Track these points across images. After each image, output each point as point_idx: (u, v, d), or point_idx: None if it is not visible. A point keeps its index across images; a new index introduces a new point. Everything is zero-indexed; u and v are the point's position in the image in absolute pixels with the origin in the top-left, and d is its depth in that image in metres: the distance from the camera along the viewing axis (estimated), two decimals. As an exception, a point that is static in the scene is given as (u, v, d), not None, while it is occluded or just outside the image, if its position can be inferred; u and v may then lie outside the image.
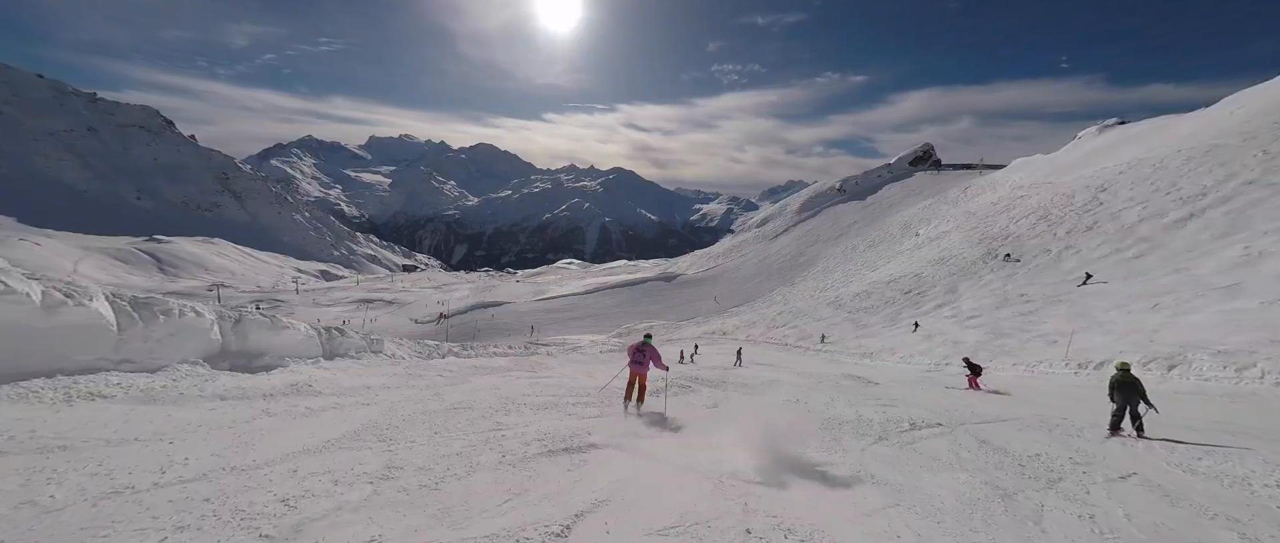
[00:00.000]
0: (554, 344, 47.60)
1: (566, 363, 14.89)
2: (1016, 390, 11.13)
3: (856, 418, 7.14)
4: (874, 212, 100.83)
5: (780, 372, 14.61)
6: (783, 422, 6.09)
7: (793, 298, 53.61)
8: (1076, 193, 36.37)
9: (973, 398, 9.70)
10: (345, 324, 77.19)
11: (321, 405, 5.71)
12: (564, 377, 10.91)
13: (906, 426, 6.65)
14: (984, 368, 12.46)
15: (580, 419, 6.14)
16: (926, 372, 15.75)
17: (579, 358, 19.22)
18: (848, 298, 37.56)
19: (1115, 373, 6.81)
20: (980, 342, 17.89)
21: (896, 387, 11.50)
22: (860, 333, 29.20)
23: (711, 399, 8.92)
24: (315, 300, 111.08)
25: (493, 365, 11.23)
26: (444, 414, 5.74)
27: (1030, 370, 13.51)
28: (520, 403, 6.62)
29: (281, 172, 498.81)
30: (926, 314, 28.15)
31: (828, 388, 10.37)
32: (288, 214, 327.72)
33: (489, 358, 13.34)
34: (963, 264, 33.52)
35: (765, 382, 10.78)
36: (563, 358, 17.86)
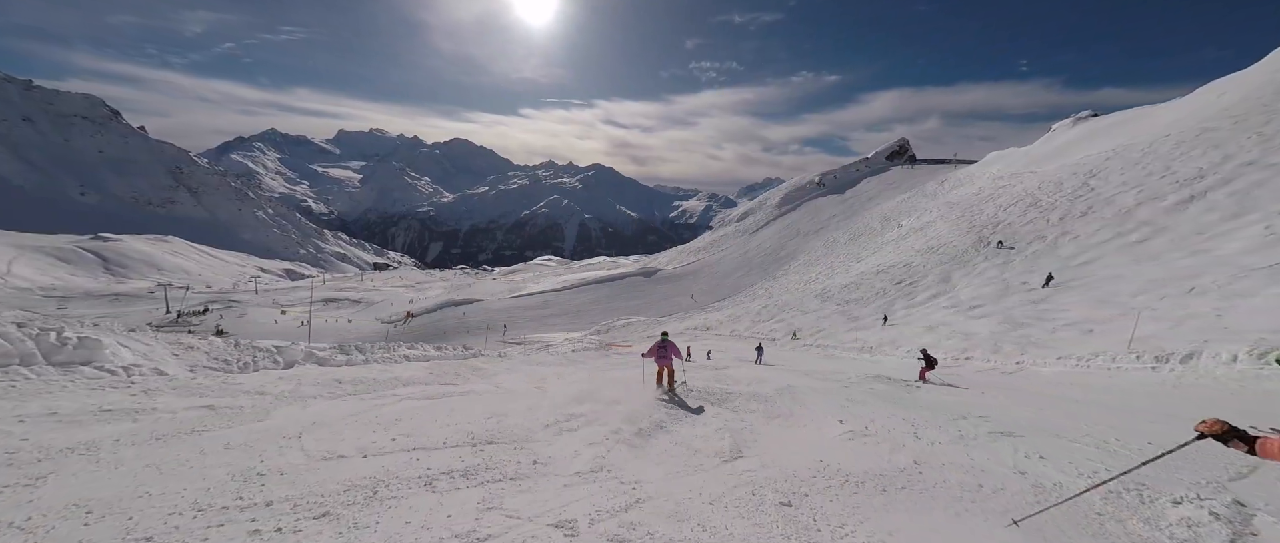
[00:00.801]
0: (527, 342, 44.74)
1: (522, 366, 12.37)
2: (1075, 389, 9.18)
3: (1033, 482, 3.84)
4: (853, 205, 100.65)
5: (785, 372, 12.35)
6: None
7: (777, 291, 52.01)
8: (1064, 180, 35.53)
9: (1089, 412, 7.20)
10: (301, 325, 72.30)
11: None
12: (497, 395, 7.09)
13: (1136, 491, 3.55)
14: (938, 361, 12.11)
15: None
16: (943, 367, 13.88)
17: (544, 359, 16.64)
18: (835, 290, 35.96)
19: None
20: (996, 333, 16.14)
21: (942, 391, 9.29)
22: (853, 325, 27.43)
23: (723, 430, 5.34)
24: (275, 300, 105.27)
25: (385, 377, 7.70)
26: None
27: (1083, 365, 11.50)
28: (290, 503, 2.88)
29: (243, 166, 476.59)
30: (922, 304, 26.57)
31: (874, 400, 7.65)
32: (249, 211, 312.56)
33: (391, 363, 10.05)
34: (954, 253, 32.21)
35: (779, 390, 8.36)
36: (520, 360, 15.21)
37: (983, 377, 12.08)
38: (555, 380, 9.38)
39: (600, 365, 15.37)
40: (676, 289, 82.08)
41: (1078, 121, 66.09)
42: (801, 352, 24.06)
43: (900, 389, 9.07)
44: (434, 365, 9.79)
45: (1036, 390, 9.28)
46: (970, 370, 13.34)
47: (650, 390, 7.70)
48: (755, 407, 6.83)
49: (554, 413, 5.67)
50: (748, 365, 15.69)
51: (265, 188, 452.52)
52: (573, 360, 17.70)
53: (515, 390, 7.68)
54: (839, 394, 8.13)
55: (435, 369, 9.11)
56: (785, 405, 7.04)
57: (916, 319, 23.20)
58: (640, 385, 8.33)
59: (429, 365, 9.76)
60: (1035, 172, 46.34)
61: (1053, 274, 21.94)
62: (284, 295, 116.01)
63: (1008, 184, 46.49)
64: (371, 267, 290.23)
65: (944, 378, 11.60)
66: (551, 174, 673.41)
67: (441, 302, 78.88)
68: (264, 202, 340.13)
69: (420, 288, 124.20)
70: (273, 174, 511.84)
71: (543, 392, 7.51)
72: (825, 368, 14.27)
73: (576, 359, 18.22)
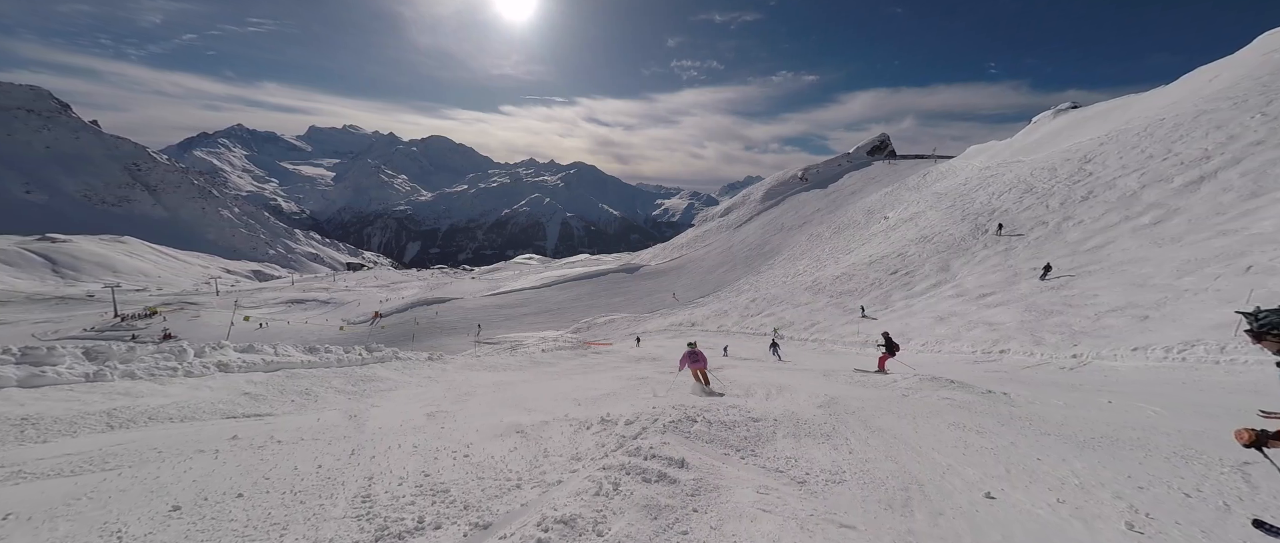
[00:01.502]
0: (498, 342, 41.93)
1: (456, 373, 9.86)
2: (1204, 391, 7.16)
3: None
4: (836, 199, 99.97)
5: (805, 375, 10.02)
6: None
7: (764, 285, 50.27)
8: (1058, 166, 34.41)
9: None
10: (263, 325, 67.85)
11: None
12: (304, 446, 4.50)
13: None
14: (899, 347, 10.95)
15: None
16: (975, 362, 11.98)
17: (504, 363, 14.11)
18: (827, 281, 34.21)
19: None
20: (1026, 322, 14.35)
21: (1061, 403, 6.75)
22: (849, 318, 25.55)
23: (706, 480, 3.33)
24: (238, 302, 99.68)
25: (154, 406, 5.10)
26: None
27: (1176, 358, 9.31)
28: None
29: (207, 163, 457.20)
30: (922, 295, 24.85)
31: (1001, 425, 5.13)
32: (213, 209, 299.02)
33: (274, 372, 7.17)
34: (950, 241, 30.70)
35: (832, 413, 5.49)
36: (461, 366, 12.63)
37: (1037, 374, 10.06)
38: (480, 400, 6.78)
39: (568, 369, 12.93)
40: (659, 286, 79.94)
41: (1058, 113, 66.04)
42: (798, 347, 22.05)
43: (999, 403, 6.58)
44: (287, 378, 6.92)
45: (1160, 393, 7.23)
46: (1011, 366, 11.37)
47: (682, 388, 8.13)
48: (780, 435, 4.26)
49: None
50: (758, 366, 13.35)
51: (232, 186, 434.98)
52: (539, 363, 15.18)
53: (411, 416, 5.08)
54: (932, 417, 5.55)
55: (287, 383, 6.39)
56: (876, 460, 3.99)
57: (921, 310, 21.41)
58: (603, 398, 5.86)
59: (278, 378, 6.86)
60: (1023, 160, 45.46)
61: (1052, 264, 20.35)
62: (248, 297, 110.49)
63: (996, 173, 45.51)
64: (345, 267, 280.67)
65: (981, 378, 9.45)
66: (533, 172, 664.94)
67: (413, 301, 75.17)
68: (230, 200, 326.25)
69: (395, 288, 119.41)
70: (239, 172, 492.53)
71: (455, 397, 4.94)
72: (842, 365, 12.10)
73: (545, 360, 15.74)
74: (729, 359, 16.92)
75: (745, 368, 12.14)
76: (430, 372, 9.84)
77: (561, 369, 13.07)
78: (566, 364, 14.46)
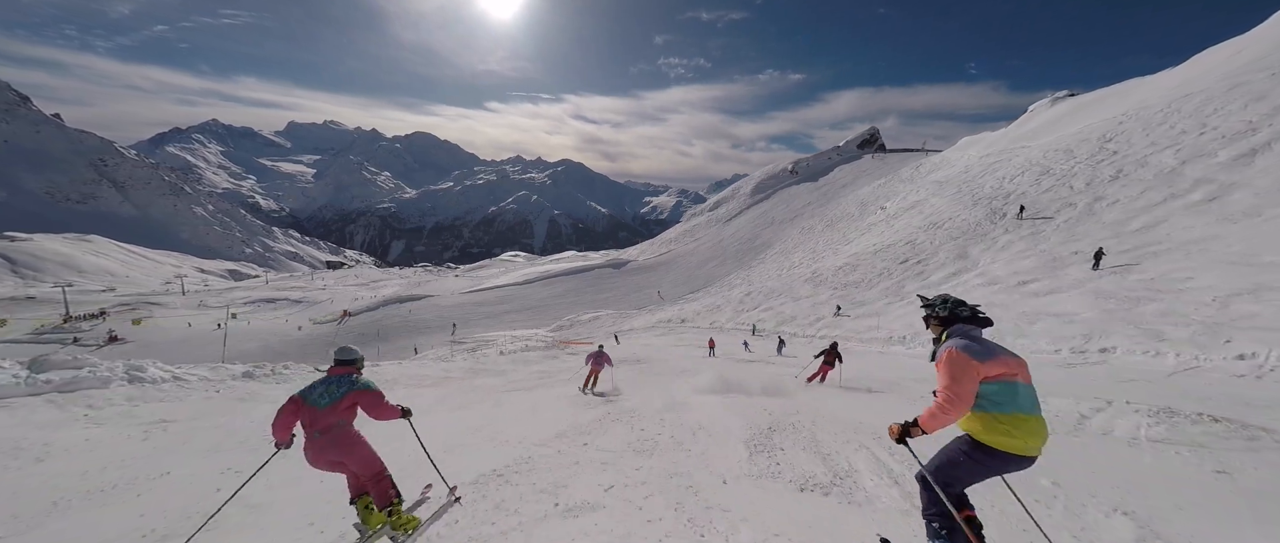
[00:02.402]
0: (462, 342, 38.44)
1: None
2: None
3: None
4: (827, 192, 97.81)
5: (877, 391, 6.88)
6: None
7: (758, 278, 47.35)
8: (1073, 147, 31.99)
9: None
10: (221, 326, 63.35)
11: None
12: None
13: None
14: (842, 360, 9.84)
15: None
16: (1069, 365, 9.11)
17: (433, 374, 10.74)
18: (829, 273, 31.35)
19: None
20: (1110, 312, 11.54)
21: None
22: (861, 311, 22.62)
23: None
24: (202, 302, 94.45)
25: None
26: None
27: None
28: None
29: (180, 160, 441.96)
30: (942, 284, 22.03)
31: None
32: (186, 207, 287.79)
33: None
34: (964, 226, 28.04)
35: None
36: (380, 377, 9.30)
37: (1202, 383, 7.01)
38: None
39: (518, 380, 9.65)
40: (648, 281, 76.81)
41: (1056, 101, 64.18)
42: (804, 346, 19.01)
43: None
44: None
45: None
46: (1142, 368, 8.35)
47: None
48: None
49: None
50: (747, 366, 10.21)
51: (207, 183, 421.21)
52: (484, 371, 11.69)
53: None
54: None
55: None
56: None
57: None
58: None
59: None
60: (1027, 146, 43.13)
61: (1103, 249, 17.55)
62: (216, 297, 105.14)
63: (1001, 159, 43.11)
64: (324, 266, 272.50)
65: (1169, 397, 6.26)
66: (520, 169, 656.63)
67: (384, 299, 70.94)
68: (203, 197, 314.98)
69: (375, 286, 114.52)
70: (215, 168, 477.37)
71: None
72: (895, 374, 8.99)
73: (496, 368, 12.38)
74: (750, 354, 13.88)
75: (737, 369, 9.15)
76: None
77: (510, 380, 9.85)
78: (522, 372, 11.22)
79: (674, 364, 12.65)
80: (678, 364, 12.59)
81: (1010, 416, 2.14)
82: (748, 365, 12.65)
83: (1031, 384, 2.23)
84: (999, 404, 2.15)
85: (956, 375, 2.15)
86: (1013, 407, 2.14)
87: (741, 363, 13.48)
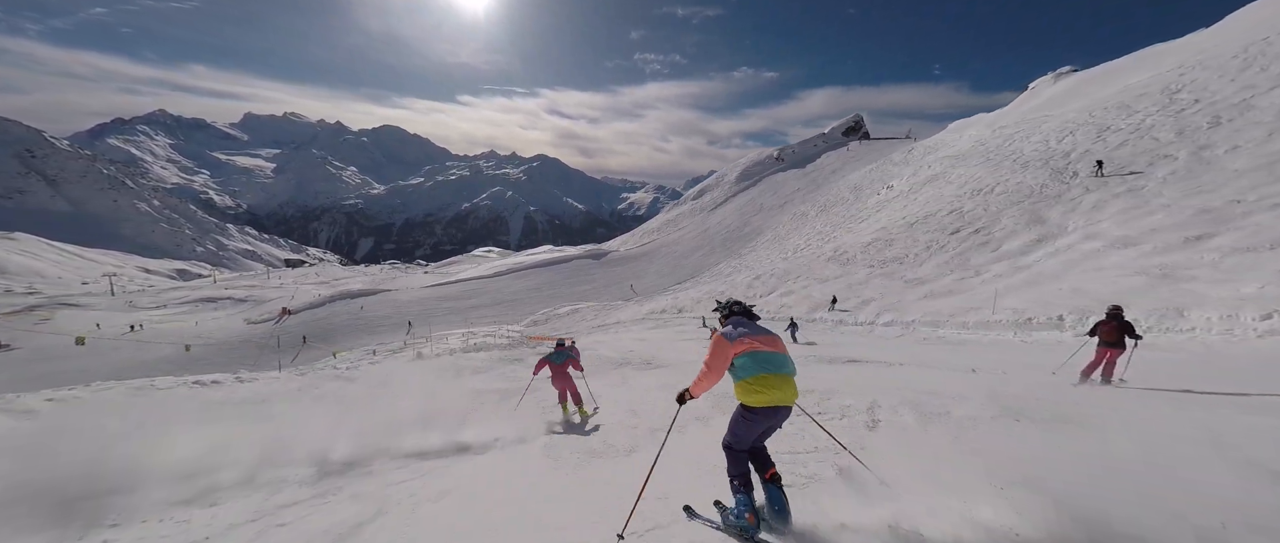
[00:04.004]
0: (408, 343, 32.04)
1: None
2: None
3: None
4: (816, 179, 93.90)
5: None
6: None
7: (762, 261, 42.22)
8: (1130, 103, 27.81)
9: None
10: (137, 328, 54.74)
11: None
12: None
13: None
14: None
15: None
16: None
17: (279, 390, 4.80)
18: (858, 249, 26.36)
19: None
20: None
21: None
22: (921, 292, 17.43)
23: None
24: (132, 302, 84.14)
25: None
26: None
27: None
28: None
29: (124, 152, 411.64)
30: (1027, 252, 17.21)
31: None
32: (128, 202, 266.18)
33: None
34: (1024, 190, 23.40)
35: None
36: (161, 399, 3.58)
37: None
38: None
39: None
40: (630, 272, 71.04)
41: (1059, 77, 61.30)
42: (859, 335, 13.64)
43: None
44: None
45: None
46: None
47: None
48: None
49: None
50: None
51: (154, 177, 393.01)
52: (388, 385, 6.01)
53: None
54: None
55: None
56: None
57: (1061, 272, 13.56)
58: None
59: None
60: (1050, 115, 39.08)
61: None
62: (148, 296, 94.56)
63: (1021, 130, 38.83)
64: (283, 264, 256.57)
65: None
66: (494, 165, 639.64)
67: (333, 295, 63.08)
68: (148, 192, 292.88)
69: (338, 285, 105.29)
70: (163, 162, 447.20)
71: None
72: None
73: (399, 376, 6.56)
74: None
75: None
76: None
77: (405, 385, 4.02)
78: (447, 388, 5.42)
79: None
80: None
81: (756, 377, 2.70)
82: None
83: (779, 351, 2.80)
84: (747, 370, 2.72)
85: (713, 352, 2.83)
86: (756, 370, 2.70)
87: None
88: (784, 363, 2.75)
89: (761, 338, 2.79)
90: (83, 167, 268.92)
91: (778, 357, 2.75)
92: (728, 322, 3.01)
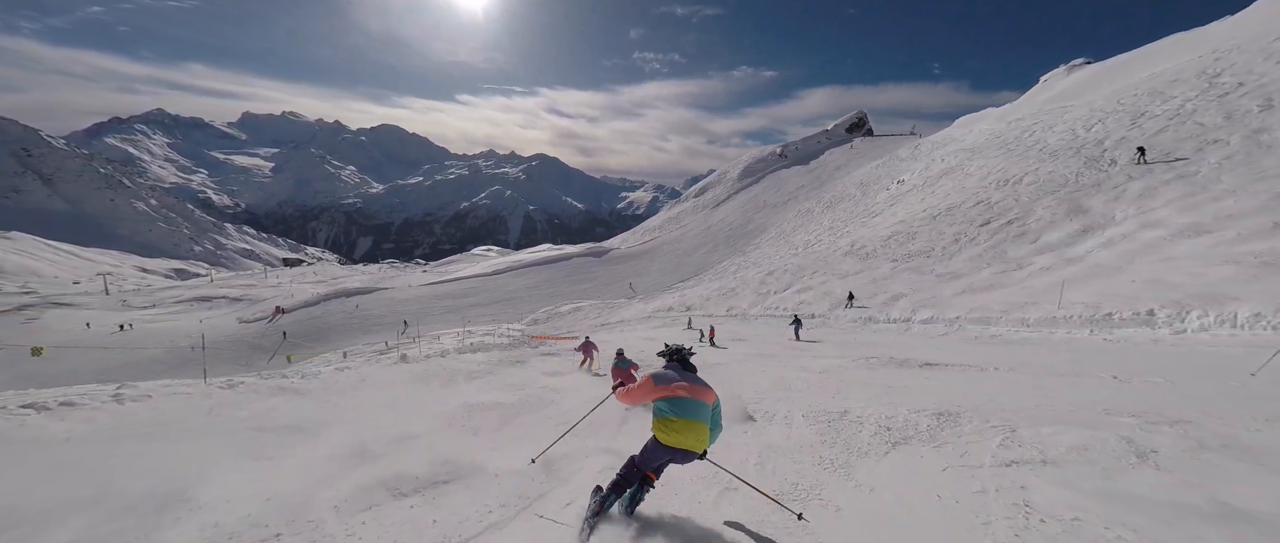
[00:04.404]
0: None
1: None
2: None
3: None
4: (820, 175, 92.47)
5: None
6: None
7: (771, 258, 40.87)
8: (1163, 89, 26.35)
9: None
10: (126, 328, 53.28)
11: None
12: None
13: None
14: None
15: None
16: None
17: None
18: (876, 244, 24.98)
19: None
20: None
21: None
22: (958, 286, 16.07)
23: None
24: (126, 302, 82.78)
25: None
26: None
27: None
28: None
29: (122, 151, 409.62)
30: (1069, 244, 15.83)
31: None
32: (125, 201, 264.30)
33: None
34: (1059, 179, 22.03)
35: None
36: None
37: None
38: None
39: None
40: (632, 270, 69.63)
41: (1072, 69, 59.90)
42: (895, 333, 12.25)
43: None
44: None
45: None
46: None
47: None
48: None
49: None
50: None
51: (151, 176, 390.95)
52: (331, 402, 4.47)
53: None
54: None
55: None
56: None
57: (1116, 264, 12.16)
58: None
59: None
60: (1071, 104, 37.65)
61: None
62: (142, 296, 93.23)
63: (1041, 121, 37.39)
64: (282, 263, 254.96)
65: None
66: (493, 164, 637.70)
67: (327, 293, 61.65)
68: (145, 191, 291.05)
69: (336, 283, 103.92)
70: (161, 161, 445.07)
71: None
72: None
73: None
74: None
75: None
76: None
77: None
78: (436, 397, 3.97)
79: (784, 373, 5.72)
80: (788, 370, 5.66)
81: (669, 420, 2.91)
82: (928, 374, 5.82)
83: (703, 402, 2.98)
84: (664, 413, 2.94)
85: (641, 386, 3.15)
86: (673, 414, 2.92)
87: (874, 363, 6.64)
88: (700, 411, 2.94)
89: (691, 386, 3.01)
90: (79, 166, 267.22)
91: (697, 405, 2.95)
92: (668, 366, 3.22)
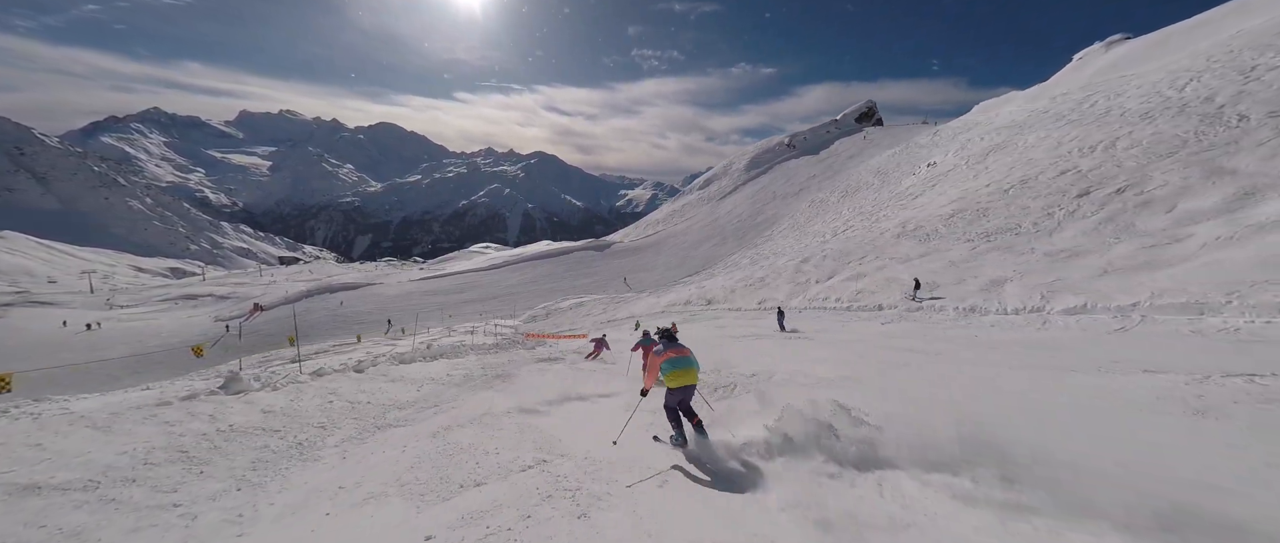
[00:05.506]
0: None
1: None
2: None
3: None
4: (831, 165, 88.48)
5: None
6: None
7: (801, 246, 36.93)
8: (1271, 42, 22.41)
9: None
10: (93, 327, 49.52)
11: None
12: None
13: None
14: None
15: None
16: None
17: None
18: (937, 223, 21.27)
19: None
20: None
21: None
22: (1090, 265, 12.22)
23: None
24: (110, 301, 79.34)
25: None
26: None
27: None
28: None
29: (118, 150, 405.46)
30: (1229, 212, 12.02)
31: None
32: (120, 200, 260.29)
33: None
34: (1174, 141, 18.33)
35: None
36: None
37: None
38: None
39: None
40: (636, 264, 65.78)
41: (1111, 45, 55.93)
42: (1055, 331, 8.45)
43: None
44: None
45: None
46: None
47: None
48: None
49: None
50: None
51: (148, 175, 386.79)
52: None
53: None
54: None
55: None
56: None
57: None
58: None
59: None
60: (1130, 74, 33.66)
61: None
62: (127, 294, 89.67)
63: (1107, 90, 33.20)
64: (278, 262, 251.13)
65: None
66: (491, 162, 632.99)
67: (310, 290, 57.78)
68: (141, 190, 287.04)
69: (331, 281, 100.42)
70: (157, 160, 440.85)
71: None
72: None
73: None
74: None
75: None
76: None
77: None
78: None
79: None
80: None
81: (671, 372, 4.62)
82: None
83: (684, 355, 4.73)
84: (666, 369, 4.63)
85: (650, 367, 4.87)
86: (670, 369, 4.62)
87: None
88: (690, 362, 4.71)
89: (676, 350, 4.74)
90: (73, 164, 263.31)
91: (685, 359, 4.70)
92: (660, 342, 4.96)
